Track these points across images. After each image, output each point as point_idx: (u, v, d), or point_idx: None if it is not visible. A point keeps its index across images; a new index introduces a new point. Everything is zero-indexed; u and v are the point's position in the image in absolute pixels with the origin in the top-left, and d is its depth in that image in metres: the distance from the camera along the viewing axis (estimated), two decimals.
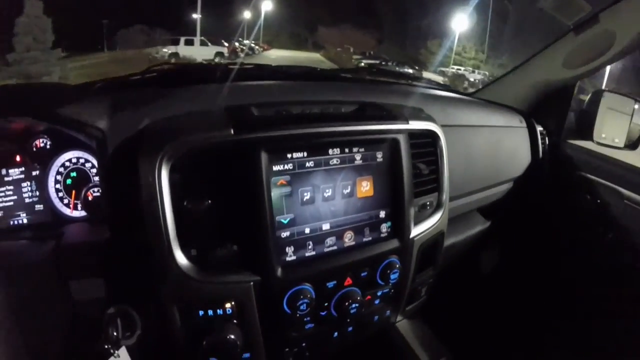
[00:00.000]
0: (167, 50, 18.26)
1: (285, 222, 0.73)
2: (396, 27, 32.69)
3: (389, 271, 0.84)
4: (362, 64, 16.99)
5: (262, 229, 0.70)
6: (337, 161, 0.77)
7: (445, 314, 1.22)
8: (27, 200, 0.92)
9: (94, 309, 0.80)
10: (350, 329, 0.89)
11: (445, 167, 0.96)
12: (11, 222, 0.90)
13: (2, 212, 0.90)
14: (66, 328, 0.83)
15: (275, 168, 0.71)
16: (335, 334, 0.88)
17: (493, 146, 1.24)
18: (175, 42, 17.80)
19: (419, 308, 1.07)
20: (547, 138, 1.40)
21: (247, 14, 33.68)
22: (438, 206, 0.96)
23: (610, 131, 1.53)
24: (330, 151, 0.76)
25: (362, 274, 0.83)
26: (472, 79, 20.17)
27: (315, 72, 1.19)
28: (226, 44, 20.99)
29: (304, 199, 0.74)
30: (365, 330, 0.94)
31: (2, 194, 0.91)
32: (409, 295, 0.98)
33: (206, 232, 0.70)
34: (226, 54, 19.00)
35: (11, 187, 0.92)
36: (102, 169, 0.77)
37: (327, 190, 0.77)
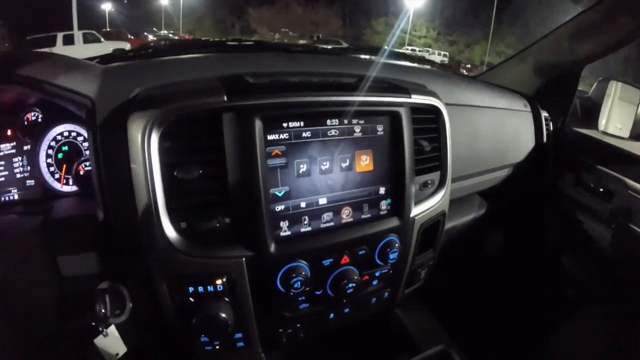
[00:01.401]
0: None
1: (280, 194, 0.69)
2: (334, 5, 30.95)
3: (388, 250, 0.81)
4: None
5: (255, 201, 0.67)
6: (335, 132, 0.73)
7: (444, 298, 1.20)
8: (18, 175, 0.90)
9: (83, 286, 0.77)
10: (346, 310, 0.86)
11: (448, 145, 0.91)
12: (2, 199, 0.88)
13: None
14: (54, 305, 0.79)
15: (270, 137, 0.68)
16: (332, 315, 0.85)
17: (496, 129, 1.20)
18: (50, 42, 12.65)
19: (418, 292, 1.04)
20: (551, 124, 1.36)
21: (164, 0, 30.62)
22: (440, 185, 0.92)
23: (615, 121, 1.49)
24: (328, 122, 0.73)
25: (360, 253, 0.79)
26: (435, 60, 19.71)
27: (315, 50, 1.15)
28: (131, 37, 17.84)
29: (300, 171, 0.71)
30: (362, 312, 0.90)
31: None
32: (408, 278, 0.95)
33: (196, 203, 0.67)
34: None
35: (2, 163, 0.89)
36: (92, 140, 0.71)
37: (325, 163, 0.73)
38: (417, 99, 0.84)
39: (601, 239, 1.22)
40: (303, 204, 0.72)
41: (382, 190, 0.81)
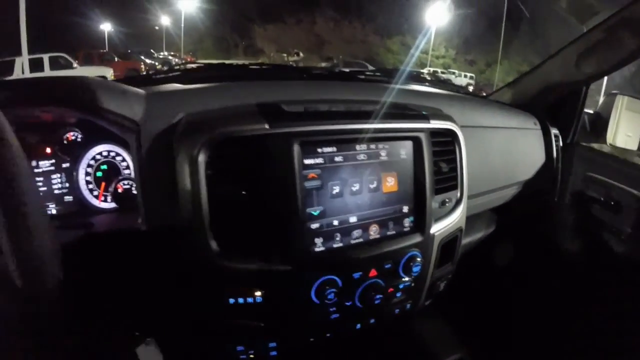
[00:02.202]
0: None
1: (316, 213, 0.79)
2: (343, 23, 30.34)
3: (411, 264, 0.90)
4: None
5: (294, 219, 0.77)
6: (364, 156, 0.84)
7: (460, 308, 1.29)
8: (56, 191, 0.98)
9: (122, 297, 0.86)
10: (372, 320, 0.95)
11: (464, 166, 1.02)
12: None
13: None
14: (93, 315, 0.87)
15: (307, 162, 0.77)
16: (358, 325, 0.94)
17: (508, 147, 1.31)
18: (7, 69, 10.62)
19: (435, 302, 1.13)
20: (560, 140, 1.46)
21: (165, 20, 29.27)
22: (457, 203, 1.02)
23: (623, 134, 1.59)
24: (357, 147, 0.83)
25: (386, 266, 0.88)
26: (461, 84, 19.47)
27: (333, 74, 1.28)
28: (118, 59, 16.78)
29: (333, 192, 0.81)
30: (385, 322, 0.99)
31: None
32: (428, 289, 1.03)
33: (239, 222, 0.76)
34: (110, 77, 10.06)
35: (41, 179, 0.98)
36: (138, 160, 0.81)
37: (355, 185, 0.83)
38: (435, 124, 0.94)
39: (611, 251, 1.30)
40: (336, 222, 0.82)
41: (405, 209, 0.91)
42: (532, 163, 1.40)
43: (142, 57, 19.38)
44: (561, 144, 1.47)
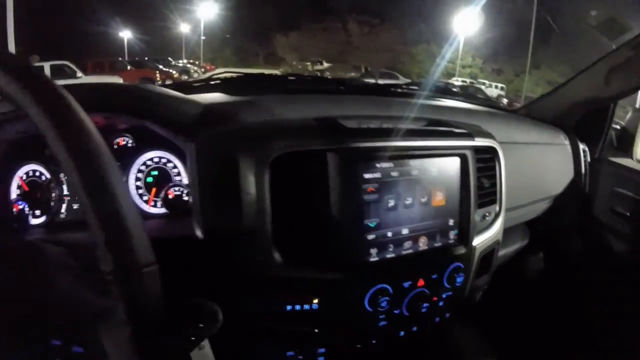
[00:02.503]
0: None
1: (372, 225, 0.84)
2: (369, 30, 29.53)
3: (455, 275, 0.96)
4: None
5: (352, 231, 0.82)
6: (417, 172, 0.89)
7: (492, 317, 1.34)
8: None
9: (177, 301, 0.92)
10: (414, 328, 1.00)
11: (503, 181, 1.08)
12: None
13: (78, 205, 1.00)
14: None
15: (366, 176, 0.83)
16: (402, 332, 0.99)
17: (539, 163, 1.37)
18: None
19: (470, 311, 1.18)
20: (588, 155, 1.52)
21: (184, 28, 29.00)
22: (496, 217, 1.08)
23: None
24: (411, 162, 0.89)
25: (433, 276, 0.94)
26: (492, 95, 18.59)
27: (370, 87, 1.34)
28: (131, 68, 16.23)
29: (389, 205, 0.86)
30: (426, 330, 1.04)
31: None
32: (466, 299, 1.09)
33: (301, 232, 0.82)
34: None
35: None
36: (195, 169, 0.86)
37: (408, 198, 0.88)
38: (479, 141, 1.01)
39: (638, 266, 1.35)
40: (389, 234, 0.87)
41: (451, 222, 0.97)
42: (562, 178, 1.46)
43: (159, 66, 19.05)
44: (589, 159, 1.52)
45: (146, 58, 21.43)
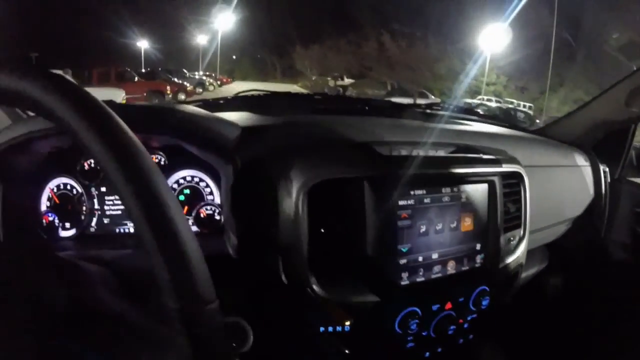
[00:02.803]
0: None
1: (404, 250, 0.89)
2: (389, 46, 28.30)
3: (480, 298, 1.00)
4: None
5: (386, 255, 0.87)
6: (447, 199, 0.94)
7: (513, 338, 1.40)
8: None
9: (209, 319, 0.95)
10: (439, 349, 1.05)
11: (528, 205, 1.13)
12: (117, 230, 1.05)
13: (108, 219, 1.05)
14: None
15: (401, 203, 0.88)
16: (427, 353, 1.04)
17: (561, 185, 1.42)
18: None
19: (491, 332, 1.23)
20: (608, 176, 1.55)
21: (202, 39, 28.91)
22: (520, 241, 1.12)
23: None
24: (443, 190, 0.94)
25: (460, 299, 0.98)
26: (520, 115, 18.16)
27: (397, 106, 1.39)
28: (139, 79, 15.72)
29: (421, 231, 0.91)
30: (450, 351, 1.08)
31: (111, 202, 1.05)
32: (488, 320, 1.12)
33: (336, 255, 0.87)
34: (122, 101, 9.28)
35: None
36: (230, 189, 0.91)
37: (439, 224, 0.93)
38: (506, 167, 1.06)
39: None
40: (420, 258, 0.92)
41: (478, 246, 1.01)
42: (582, 199, 1.50)
43: (172, 78, 18.72)
44: (609, 179, 1.56)
45: (160, 69, 21.59)
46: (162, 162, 1.05)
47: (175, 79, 18.66)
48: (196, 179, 1.06)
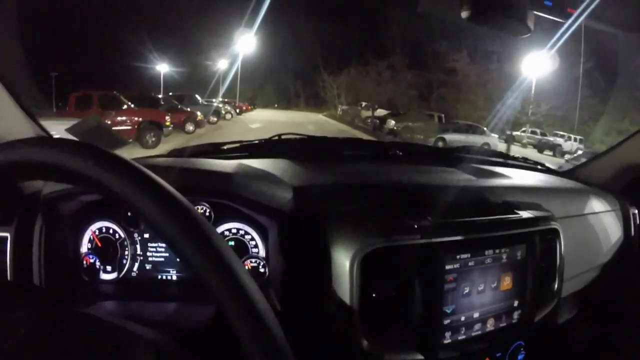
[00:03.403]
0: None
1: (449, 311, 0.96)
2: (416, 72, 28.79)
3: (516, 353, 1.08)
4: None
5: (431, 317, 0.94)
6: (490, 260, 1.01)
7: None
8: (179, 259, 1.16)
9: None
10: None
11: (563, 259, 1.20)
12: (159, 277, 1.10)
13: (151, 265, 1.10)
14: None
15: (448, 267, 0.95)
16: None
17: (592, 232, 1.48)
18: None
19: None
20: (638, 219, 1.62)
21: (222, 64, 28.08)
22: (554, 294, 1.20)
23: None
24: (486, 252, 1.00)
25: (497, 355, 1.06)
26: (570, 149, 17.93)
27: (432, 152, 1.51)
28: (129, 106, 12.66)
29: (464, 293, 0.98)
30: None
31: (154, 249, 1.10)
32: None
33: (384, 318, 0.94)
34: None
35: (164, 245, 1.09)
36: (279, 247, 1.00)
37: (480, 285, 1.00)
38: (544, 226, 1.13)
39: None
40: (463, 318, 0.99)
41: (515, 303, 1.08)
42: (612, 244, 1.56)
43: (181, 104, 17.31)
44: (638, 222, 1.62)
45: (170, 94, 20.47)
46: (207, 213, 1.08)
47: (181, 107, 16.76)
48: (241, 232, 1.10)
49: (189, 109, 16.78)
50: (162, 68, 26.30)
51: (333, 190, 1.08)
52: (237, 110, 24.14)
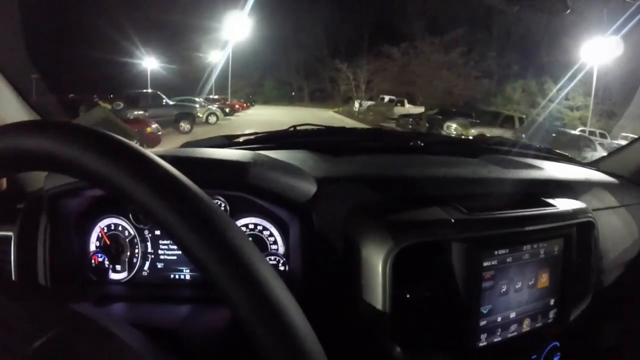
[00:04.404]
0: None
1: (485, 312, 0.96)
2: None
3: (552, 354, 1.09)
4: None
5: (467, 318, 0.94)
6: (527, 256, 1.01)
7: None
8: None
9: None
10: None
11: (598, 254, 1.21)
12: (172, 276, 1.11)
13: (162, 264, 1.11)
14: None
15: (485, 264, 0.94)
16: None
17: (623, 225, 1.54)
18: None
19: None
20: None
21: (214, 56, 26.16)
22: (589, 291, 1.22)
23: None
24: (524, 247, 1.00)
25: (533, 357, 1.07)
26: None
27: (456, 140, 1.57)
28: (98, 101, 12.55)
29: (501, 291, 0.98)
30: None
31: (166, 247, 1.11)
32: None
33: (417, 319, 0.93)
34: None
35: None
36: (300, 243, 1.01)
37: (518, 283, 1.00)
38: (581, 219, 1.14)
39: None
40: (499, 319, 0.98)
41: (552, 302, 1.08)
42: (637, 239, 1.59)
43: (138, 107, 14.88)
44: None
45: (140, 93, 17.35)
46: (224, 207, 1.09)
47: (137, 112, 14.24)
48: (259, 227, 1.11)
49: (146, 114, 14.19)
50: (150, 64, 24.74)
51: (360, 183, 1.07)
52: (228, 110, 21.01)
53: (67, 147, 0.46)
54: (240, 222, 1.11)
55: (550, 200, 1.16)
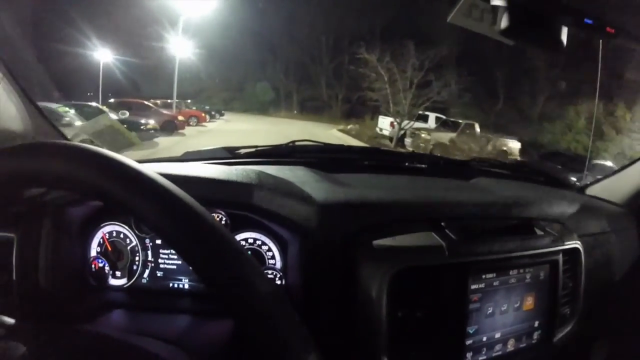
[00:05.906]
0: None
1: (471, 332, 1.08)
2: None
3: None
4: None
5: (454, 337, 1.07)
6: (514, 280, 1.14)
7: None
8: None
9: None
10: None
11: (583, 279, 1.36)
12: (170, 285, 1.23)
13: (162, 272, 1.22)
14: None
15: (473, 287, 1.07)
16: None
17: (610, 251, 1.71)
18: None
19: None
20: None
21: (177, 48, 23.18)
22: (574, 314, 1.37)
23: None
24: (511, 272, 1.14)
25: None
26: None
27: (450, 162, 1.77)
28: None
29: (487, 313, 1.10)
30: None
31: (166, 256, 1.24)
32: None
33: (407, 338, 1.06)
34: None
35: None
36: (299, 262, 1.16)
37: (504, 305, 1.13)
38: (568, 245, 1.30)
39: None
40: (484, 338, 1.11)
41: (536, 324, 1.22)
42: (627, 264, 1.83)
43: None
44: None
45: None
46: (224, 221, 1.23)
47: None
48: (258, 242, 1.25)
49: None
50: (103, 56, 22.24)
51: (359, 207, 1.21)
52: (176, 120, 16.53)
53: (83, 170, 0.59)
54: (239, 237, 1.26)
55: (538, 226, 1.32)
